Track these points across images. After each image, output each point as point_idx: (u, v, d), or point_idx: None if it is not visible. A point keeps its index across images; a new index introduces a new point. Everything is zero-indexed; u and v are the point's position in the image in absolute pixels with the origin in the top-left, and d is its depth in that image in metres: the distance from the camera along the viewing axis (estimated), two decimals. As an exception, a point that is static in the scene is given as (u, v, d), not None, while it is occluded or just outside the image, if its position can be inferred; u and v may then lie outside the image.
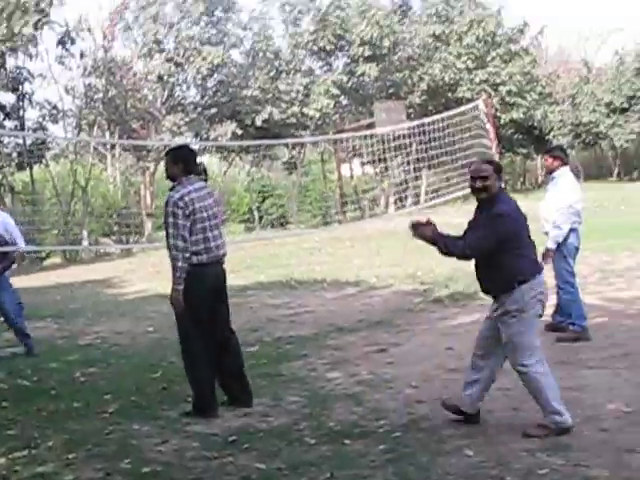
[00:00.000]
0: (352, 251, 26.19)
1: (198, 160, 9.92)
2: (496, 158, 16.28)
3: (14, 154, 36.22)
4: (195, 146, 37.38)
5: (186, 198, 8.63)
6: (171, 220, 8.63)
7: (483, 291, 8.38)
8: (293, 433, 7.95)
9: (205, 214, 8.75)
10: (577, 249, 11.60)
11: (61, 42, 38.41)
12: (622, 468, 6.35)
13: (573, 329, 11.26)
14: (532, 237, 8.07)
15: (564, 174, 11.39)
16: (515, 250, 7.79)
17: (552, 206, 11.48)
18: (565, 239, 11.25)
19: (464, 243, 7.88)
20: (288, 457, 7.24)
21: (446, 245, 7.87)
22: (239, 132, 41.33)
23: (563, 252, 11.30)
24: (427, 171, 31.60)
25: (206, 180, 10.61)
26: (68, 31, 38.43)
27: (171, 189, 8.93)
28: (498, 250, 7.69)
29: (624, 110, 54.45)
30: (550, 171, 11.73)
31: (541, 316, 8.10)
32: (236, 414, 8.77)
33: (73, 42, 39.03)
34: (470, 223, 8.23)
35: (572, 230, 11.12)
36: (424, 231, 7.93)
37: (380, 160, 29.93)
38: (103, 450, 7.81)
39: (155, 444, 7.94)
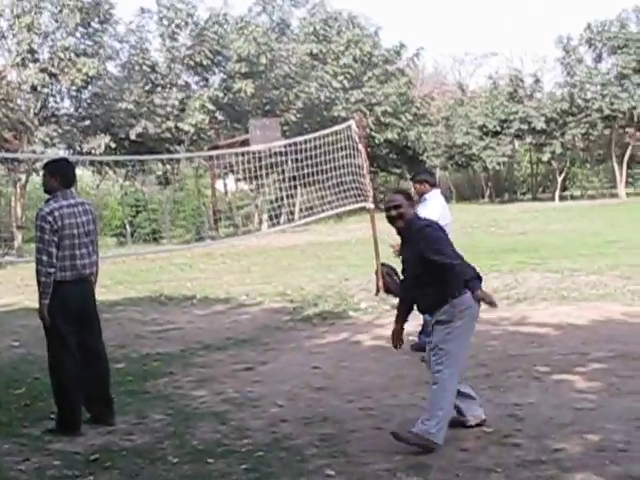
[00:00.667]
0: (223, 267, 26.19)
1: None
2: (366, 179, 16.40)
3: None
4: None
5: (56, 213, 8.49)
6: (38, 234, 8.54)
7: (420, 311, 8.55)
8: (156, 452, 7.85)
9: (75, 231, 8.59)
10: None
11: None
12: (479, 488, 6.46)
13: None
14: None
15: (435, 196, 11.50)
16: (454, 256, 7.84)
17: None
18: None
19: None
20: (150, 476, 7.16)
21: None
22: (113, 145, 41.12)
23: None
24: (301, 189, 31.85)
25: None
26: (-61, 38, 37.85)
27: (46, 202, 8.80)
28: (430, 266, 7.70)
29: (497, 133, 55.61)
30: (421, 194, 11.80)
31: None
32: (99, 432, 8.63)
33: (-57, 49, 38.47)
34: (403, 257, 8.32)
35: (439, 251, 11.17)
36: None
37: (255, 177, 30.00)
38: (-39, 469, 7.67)
39: (16, 462, 7.77)
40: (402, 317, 8.28)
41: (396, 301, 14.49)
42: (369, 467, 7.11)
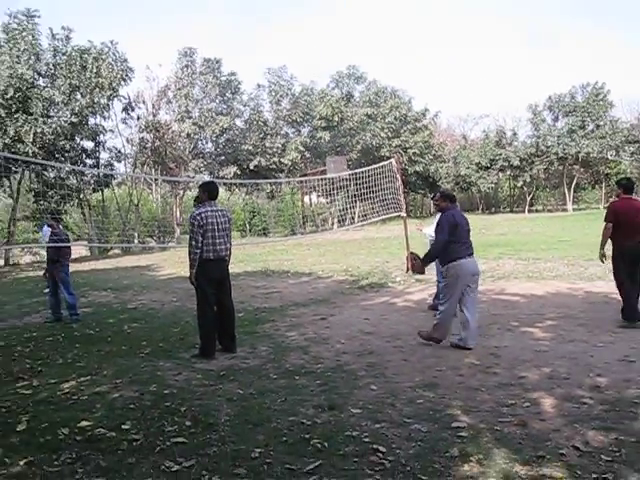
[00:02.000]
0: (308, 253, 26.23)
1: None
2: (402, 197, 16.35)
3: (91, 181, 35.96)
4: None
5: (203, 214, 8.74)
6: (190, 228, 8.86)
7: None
8: (262, 371, 7.94)
9: (216, 227, 8.79)
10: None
11: (125, 109, 38.42)
12: (470, 400, 6.43)
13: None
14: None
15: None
16: (452, 240, 8.79)
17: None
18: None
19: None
20: (258, 386, 7.24)
21: (428, 256, 9.17)
22: (239, 172, 41.49)
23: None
24: (359, 202, 31.80)
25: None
26: (130, 102, 38.45)
27: (197, 207, 9.08)
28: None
29: (487, 167, 55.71)
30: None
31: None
32: (226, 357, 8.75)
33: (133, 109, 39.18)
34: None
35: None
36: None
37: (329, 194, 30.01)
38: (139, 378, 7.80)
39: (173, 375, 7.92)
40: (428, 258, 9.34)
41: (419, 277, 14.49)
42: (399, 385, 7.13)
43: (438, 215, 11.46)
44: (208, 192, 9.04)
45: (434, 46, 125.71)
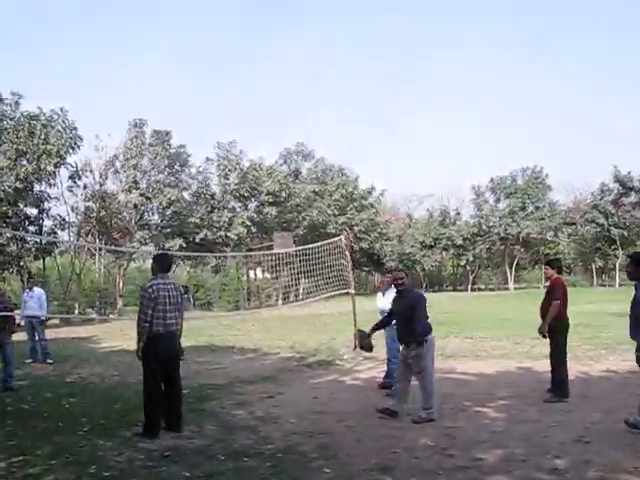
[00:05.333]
0: (253, 328, 25.88)
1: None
2: (350, 274, 16.26)
3: (33, 249, 35.20)
4: (152, 253, 37.42)
5: (154, 287, 8.44)
6: (140, 300, 8.58)
7: (405, 342, 9.18)
8: (209, 451, 7.56)
9: (167, 300, 8.48)
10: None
11: (71, 177, 38.11)
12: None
13: (395, 388, 11.07)
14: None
15: (391, 289, 10.87)
16: (427, 315, 9.15)
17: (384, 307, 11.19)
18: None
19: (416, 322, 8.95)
20: (205, 468, 6.87)
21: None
22: (184, 245, 41.20)
23: (393, 336, 10.97)
24: (304, 279, 31.66)
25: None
26: (77, 170, 38.16)
27: (150, 280, 8.75)
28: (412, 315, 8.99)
29: (431, 246, 56.73)
30: (394, 284, 11.39)
31: None
32: (171, 436, 8.33)
33: (79, 178, 38.84)
34: (396, 305, 9.42)
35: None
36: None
37: (275, 270, 29.91)
38: (77, 458, 7.34)
39: (114, 455, 7.48)
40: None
41: (367, 354, 14.26)
42: (353, 468, 6.88)
43: (390, 291, 11.35)
44: (160, 264, 8.80)
45: (380, 127, 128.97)
